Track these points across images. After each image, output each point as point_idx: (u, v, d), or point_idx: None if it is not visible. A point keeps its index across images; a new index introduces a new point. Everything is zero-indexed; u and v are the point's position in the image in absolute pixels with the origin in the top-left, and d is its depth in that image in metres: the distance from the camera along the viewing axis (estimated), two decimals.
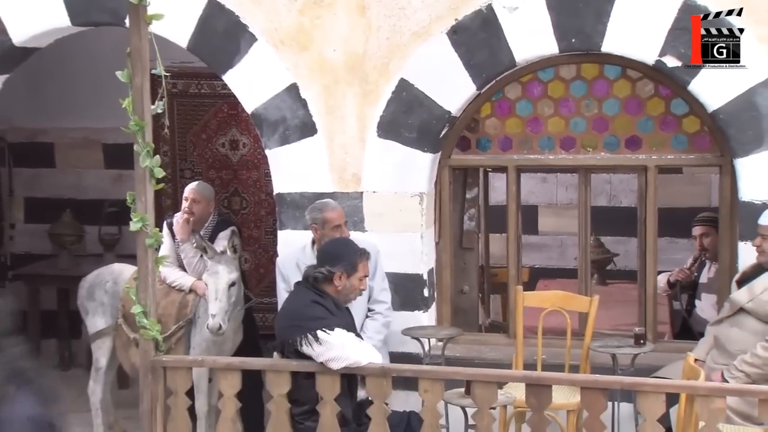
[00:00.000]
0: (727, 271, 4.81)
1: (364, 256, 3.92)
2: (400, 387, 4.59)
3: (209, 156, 7.32)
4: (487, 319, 5.75)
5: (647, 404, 3.36)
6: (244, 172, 7.24)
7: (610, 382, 3.48)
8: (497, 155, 5.16)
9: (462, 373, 3.63)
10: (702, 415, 3.37)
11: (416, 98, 4.93)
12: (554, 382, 3.50)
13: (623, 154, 4.96)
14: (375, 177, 5.04)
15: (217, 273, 4.68)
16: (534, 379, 3.48)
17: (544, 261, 7.80)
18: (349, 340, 3.69)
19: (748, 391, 3.49)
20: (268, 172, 5.40)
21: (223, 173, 7.26)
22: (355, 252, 3.92)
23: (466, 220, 5.64)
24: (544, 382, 3.46)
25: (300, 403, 3.76)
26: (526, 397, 3.48)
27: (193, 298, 4.96)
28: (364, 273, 3.91)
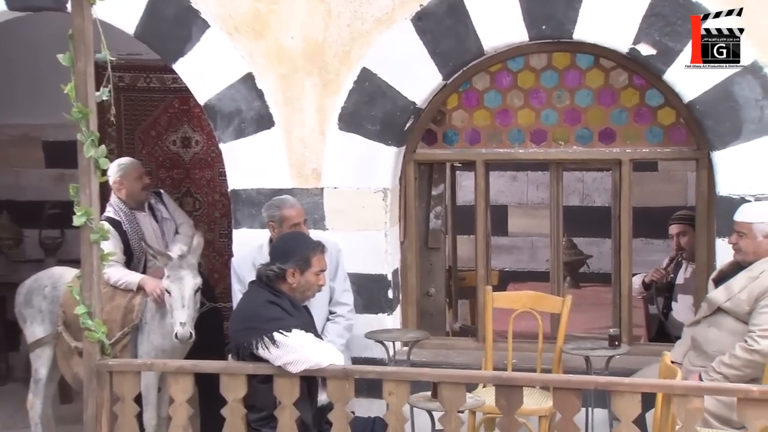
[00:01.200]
0: (704, 269, 4.87)
1: (318, 249, 3.90)
2: (364, 394, 4.61)
3: (159, 154, 7.25)
4: (455, 322, 5.74)
5: (622, 405, 3.38)
6: (197, 171, 7.18)
7: (584, 382, 3.50)
8: (465, 149, 5.18)
9: (428, 374, 3.63)
10: (679, 415, 3.39)
11: (379, 88, 4.93)
12: (525, 383, 3.51)
13: (596, 148, 5.01)
14: (336, 172, 5.04)
15: (181, 279, 4.63)
16: (504, 380, 3.49)
17: (514, 264, 7.85)
18: (308, 341, 3.66)
19: (726, 390, 3.53)
20: (223, 171, 5.38)
21: (174, 172, 7.20)
22: (308, 246, 3.91)
23: (433, 218, 5.65)
24: (514, 382, 3.47)
25: (257, 409, 3.73)
26: (496, 399, 3.48)
27: (139, 303, 4.89)
28: (320, 267, 3.89)
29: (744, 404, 3.35)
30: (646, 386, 3.44)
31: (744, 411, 3.36)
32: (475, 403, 3.93)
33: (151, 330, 4.85)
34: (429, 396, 3.83)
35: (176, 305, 4.60)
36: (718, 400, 4.03)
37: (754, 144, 4.54)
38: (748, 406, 3.34)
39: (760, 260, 4.26)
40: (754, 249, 4.28)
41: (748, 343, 4.11)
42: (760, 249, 4.27)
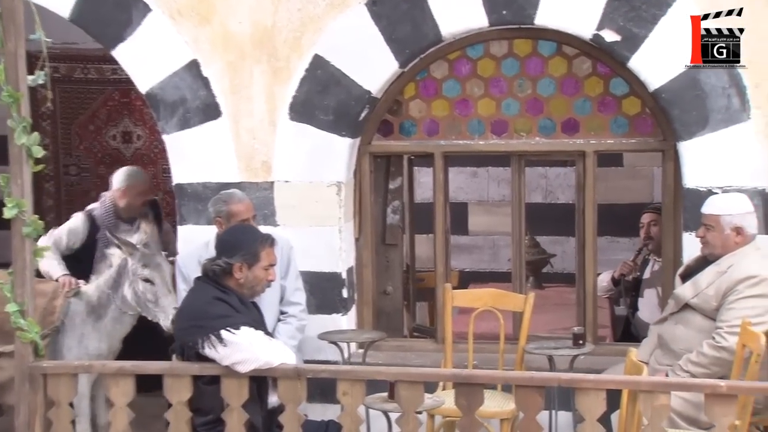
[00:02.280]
0: (671, 264, 4.95)
1: (267, 242, 3.89)
2: (317, 398, 4.61)
3: (98, 150, 7.18)
4: (413, 322, 5.76)
5: (587, 402, 3.41)
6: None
7: (547, 379, 3.54)
8: (423, 141, 5.21)
9: (385, 373, 3.63)
10: (645, 412, 3.43)
11: (332, 76, 4.93)
12: (486, 381, 3.53)
13: (559, 139, 5.07)
14: (287, 165, 5.02)
15: (159, 265, 4.66)
16: (464, 378, 3.51)
17: (474, 264, 7.90)
18: (258, 338, 3.65)
19: (694, 386, 3.58)
20: (167, 167, 5.34)
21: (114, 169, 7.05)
22: (255, 239, 3.89)
23: (390, 214, 5.67)
24: (475, 380, 3.49)
25: (203, 412, 3.70)
26: (455, 398, 3.49)
27: (61, 304, 4.82)
28: (269, 261, 3.87)
29: (711, 400, 3.40)
30: (611, 383, 3.49)
31: (711, 407, 3.41)
32: (434, 403, 3.95)
33: (84, 334, 4.79)
34: (385, 397, 3.84)
35: (162, 293, 4.62)
36: (685, 399, 4.09)
37: (721, 134, 4.63)
38: (715, 402, 3.39)
39: (728, 254, 4.33)
40: (722, 242, 4.34)
41: (715, 340, 4.17)
42: (727, 242, 4.34)
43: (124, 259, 4.75)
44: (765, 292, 4.20)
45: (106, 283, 4.84)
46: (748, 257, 4.31)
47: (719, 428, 3.38)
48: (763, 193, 4.61)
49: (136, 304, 4.72)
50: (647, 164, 7.51)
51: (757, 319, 4.09)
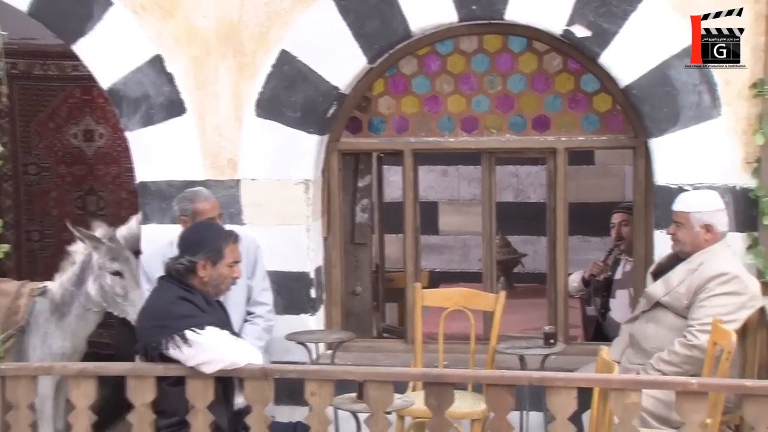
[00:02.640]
0: (642, 262, 4.99)
1: (231, 239, 3.87)
2: (285, 400, 4.60)
3: (59, 148, 7.12)
4: (382, 323, 5.77)
5: (558, 401, 3.44)
6: (102, 167, 7.08)
7: (518, 378, 3.56)
8: (392, 138, 5.22)
9: (354, 373, 3.64)
10: (616, 411, 3.46)
11: (300, 72, 4.93)
12: (456, 380, 3.54)
13: (530, 136, 5.10)
14: (253, 162, 5.02)
15: (128, 259, 4.69)
16: (434, 377, 3.52)
17: (445, 264, 7.92)
18: (223, 338, 3.64)
19: (665, 383, 3.62)
20: (131, 166, 5.31)
21: (75, 168, 7.08)
22: (219, 235, 3.88)
23: (359, 212, 5.68)
24: (445, 380, 3.50)
25: (167, 414, 3.68)
26: (425, 398, 3.51)
27: (25, 304, 4.79)
28: (233, 258, 3.86)
29: (682, 398, 3.44)
30: (582, 381, 3.52)
31: (682, 405, 3.45)
32: (404, 404, 3.96)
33: (48, 333, 4.75)
34: (354, 397, 3.84)
35: (131, 286, 4.66)
36: (656, 398, 4.12)
37: (692, 131, 4.68)
38: (686, 399, 3.43)
39: (699, 252, 4.38)
40: (692, 240, 4.39)
41: (687, 338, 4.21)
42: (697, 240, 4.38)
43: (88, 254, 4.72)
44: (736, 289, 4.25)
45: (69, 280, 4.81)
46: (719, 255, 4.36)
47: (690, 426, 3.42)
48: (734, 190, 4.67)
49: (101, 299, 4.71)
50: (618, 162, 7.58)
51: (728, 317, 4.14)
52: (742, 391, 3.44)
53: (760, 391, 3.40)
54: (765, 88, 4.51)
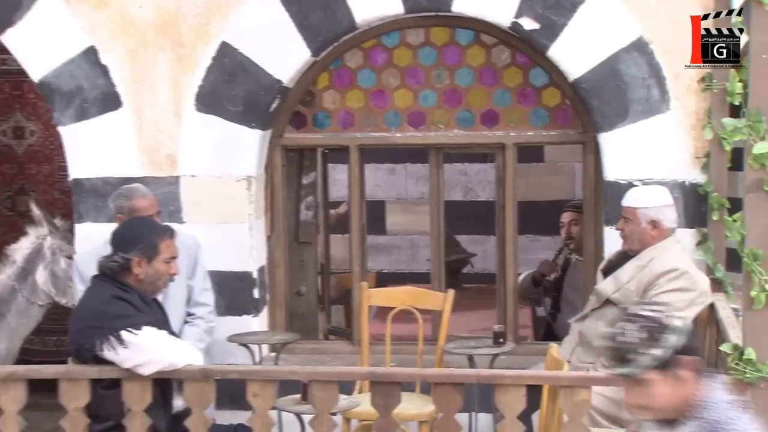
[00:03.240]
0: (592, 260, 5.05)
1: (166, 234, 3.85)
2: (227, 404, 4.57)
3: None
4: (328, 324, 5.76)
5: (507, 399, 3.48)
6: (33, 166, 6.95)
7: (466, 376, 3.59)
8: (337, 133, 5.22)
9: (298, 372, 3.65)
10: (566, 408, 3.51)
11: (241, 65, 4.91)
12: (404, 379, 3.57)
13: (478, 131, 5.14)
14: (193, 158, 4.99)
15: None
16: (381, 376, 3.54)
17: (392, 265, 7.94)
18: (161, 339, 3.62)
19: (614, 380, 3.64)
20: (64, 165, 5.25)
21: (5, 167, 6.94)
22: (153, 231, 3.85)
23: (303, 210, 5.67)
24: (392, 378, 3.52)
25: (101, 418, 3.65)
26: (372, 398, 3.52)
27: None
28: (170, 254, 3.83)
29: None
30: (531, 378, 3.56)
31: None
32: (349, 404, 3.96)
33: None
34: (298, 399, 3.83)
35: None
36: (606, 397, 4.17)
37: (641, 125, 4.76)
38: None
39: (648, 248, 4.44)
40: (639, 236, 4.45)
41: None
42: (644, 236, 4.44)
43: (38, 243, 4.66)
44: (686, 285, 4.32)
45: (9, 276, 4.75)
46: (668, 251, 4.43)
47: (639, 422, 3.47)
48: (683, 185, 4.75)
49: (52, 286, 4.64)
50: (568, 160, 7.66)
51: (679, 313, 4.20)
52: None
53: None
54: (713, 82, 4.59)
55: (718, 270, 4.65)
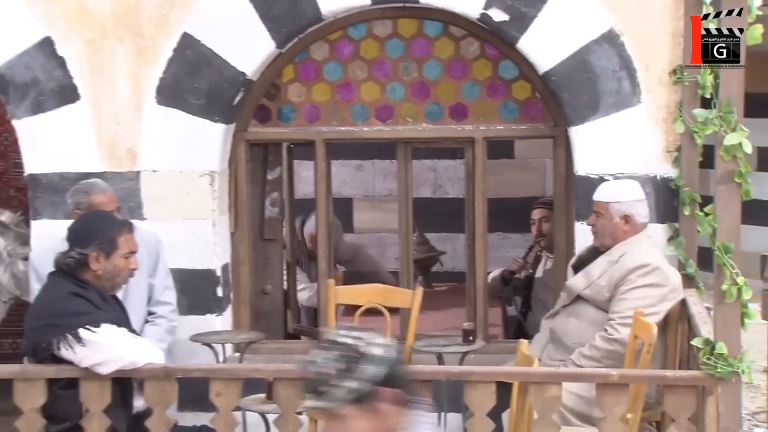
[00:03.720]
0: (563, 256, 5.08)
1: (125, 228, 3.84)
2: (189, 406, 4.57)
3: None
4: (295, 323, 5.75)
5: (476, 396, 3.50)
6: None
7: (435, 372, 3.60)
8: (302, 127, 5.22)
9: (263, 371, 3.63)
10: (536, 405, 3.54)
11: (203, 57, 4.90)
12: None
13: (447, 125, 5.16)
14: (154, 153, 4.97)
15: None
16: None
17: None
18: (121, 336, 3.61)
19: (584, 375, 3.71)
20: (19, 162, 5.20)
21: None
22: (111, 225, 3.84)
23: (268, 206, 5.65)
24: None
25: (58, 420, 3.63)
26: None
27: None
28: (129, 249, 3.82)
29: (603, 390, 3.54)
30: (500, 374, 3.58)
31: (603, 397, 3.54)
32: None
33: None
34: (263, 398, 3.83)
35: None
36: (577, 395, 4.20)
37: (612, 119, 4.80)
38: (607, 392, 3.53)
39: (620, 243, 4.48)
40: (611, 230, 4.49)
41: (607, 332, 4.30)
42: (616, 231, 4.48)
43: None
44: (657, 281, 4.36)
45: None
46: (639, 246, 4.47)
47: (611, 419, 3.51)
48: (655, 179, 4.80)
49: (15, 287, 4.60)
50: (539, 156, 7.70)
51: (650, 309, 4.25)
52: (662, 381, 3.55)
53: (680, 381, 3.52)
54: (684, 75, 4.64)
55: (689, 266, 4.70)
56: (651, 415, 4.35)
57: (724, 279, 3.41)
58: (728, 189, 3.40)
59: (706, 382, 3.48)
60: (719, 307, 3.46)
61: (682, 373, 3.73)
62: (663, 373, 3.76)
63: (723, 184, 3.40)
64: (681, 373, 3.76)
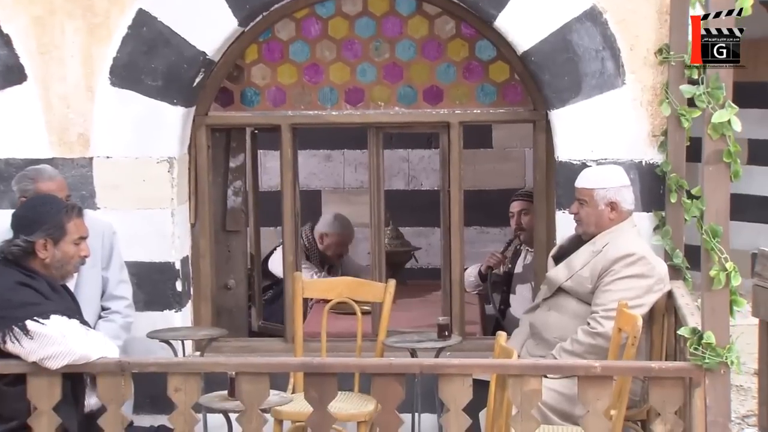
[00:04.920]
0: (544, 248, 5.11)
1: (74, 212, 3.81)
2: (146, 408, 4.59)
3: None
4: (259, 320, 5.75)
5: (451, 390, 3.51)
6: None
7: (408, 366, 3.61)
8: (267, 111, 5.22)
9: (224, 364, 3.62)
10: (515, 399, 3.54)
11: (161, 35, 4.88)
12: (340, 369, 3.58)
13: (421, 109, 5.17)
14: (108, 138, 4.95)
15: None
16: (315, 367, 3.54)
17: None
18: (72, 329, 3.59)
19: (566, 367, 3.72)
20: None
21: None
22: (59, 209, 3.81)
23: (231, 196, 5.64)
24: (327, 369, 3.53)
25: (5, 418, 3.60)
26: (305, 391, 3.53)
27: None
28: (79, 234, 3.80)
29: (585, 383, 3.56)
30: (477, 366, 3.59)
31: (585, 391, 3.56)
32: (281, 400, 3.96)
33: None
34: (225, 395, 3.82)
35: None
36: (558, 393, 4.22)
37: (595, 101, 4.83)
38: (589, 385, 3.54)
39: (604, 232, 4.50)
40: (596, 219, 4.51)
41: (590, 325, 4.33)
42: (601, 219, 4.50)
43: None
44: (643, 272, 4.39)
45: None
46: (624, 235, 4.49)
47: (593, 413, 3.52)
48: (640, 165, 4.83)
49: None
50: (518, 145, 7.73)
51: (635, 301, 4.28)
52: (647, 373, 3.57)
53: (666, 373, 3.54)
54: (671, 54, 4.67)
55: (676, 256, 4.73)
56: (636, 414, 4.38)
57: (713, 264, 3.43)
58: (716, 169, 3.42)
59: (693, 374, 3.50)
60: (707, 294, 3.47)
61: (668, 364, 3.76)
62: (648, 364, 3.78)
63: (711, 164, 3.41)
64: (667, 364, 3.78)
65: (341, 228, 6.68)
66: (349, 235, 6.74)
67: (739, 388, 5.67)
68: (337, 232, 6.64)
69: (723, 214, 3.44)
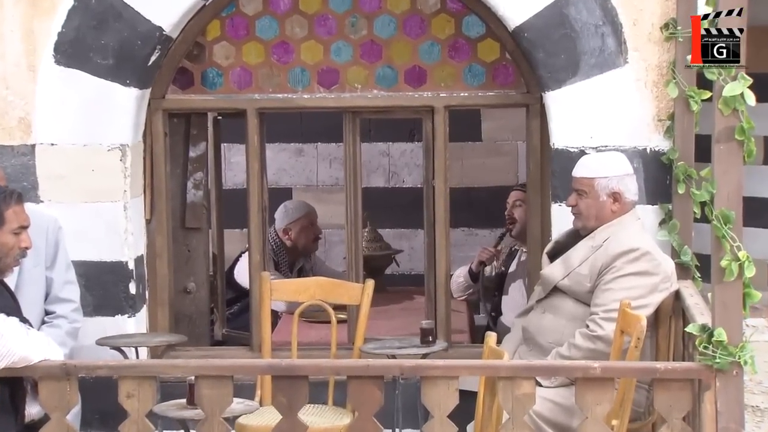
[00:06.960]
0: (538, 245, 5.13)
1: (12, 199, 3.81)
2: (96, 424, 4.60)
3: None
4: (222, 328, 5.74)
5: (436, 395, 3.51)
6: None
7: (387, 367, 3.60)
8: (231, 95, 5.23)
9: (182, 367, 3.62)
10: (505, 403, 3.54)
11: (111, 8, 4.90)
12: (311, 371, 3.56)
13: (402, 92, 5.19)
14: (53, 123, 4.97)
15: None
16: (283, 369, 3.53)
17: None
18: (10, 327, 3.57)
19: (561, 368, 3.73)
20: None
21: None
22: None
23: (191, 189, 5.63)
24: (296, 372, 3.52)
25: None
26: (273, 396, 3.53)
27: None
28: (19, 223, 3.79)
29: (583, 386, 3.56)
30: (464, 368, 3.59)
31: (583, 394, 3.56)
32: (246, 408, 3.97)
33: None
34: (183, 403, 3.82)
35: None
36: (554, 403, 4.23)
37: (594, 82, 4.86)
38: (588, 388, 3.55)
39: (603, 226, 4.51)
40: (597, 211, 4.51)
41: (589, 328, 4.33)
42: (603, 211, 4.51)
43: None
44: (647, 268, 4.40)
45: None
46: (627, 228, 4.50)
47: (592, 419, 3.52)
48: (644, 153, 4.86)
49: None
50: (510, 138, 7.77)
51: (639, 301, 4.28)
52: (652, 375, 3.58)
53: (673, 374, 3.54)
54: (678, 29, 4.69)
55: (684, 253, 4.75)
56: (640, 427, 4.38)
57: (724, 254, 3.43)
58: (728, 148, 3.42)
59: (702, 375, 3.50)
60: (718, 286, 3.47)
61: (675, 364, 3.76)
62: (653, 364, 3.78)
63: (722, 142, 3.42)
64: (673, 364, 3.78)
65: (299, 212, 6.62)
66: (311, 214, 6.68)
67: (755, 409, 5.67)
68: (297, 216, 6.57)
69: (735, 198, 3.45)
